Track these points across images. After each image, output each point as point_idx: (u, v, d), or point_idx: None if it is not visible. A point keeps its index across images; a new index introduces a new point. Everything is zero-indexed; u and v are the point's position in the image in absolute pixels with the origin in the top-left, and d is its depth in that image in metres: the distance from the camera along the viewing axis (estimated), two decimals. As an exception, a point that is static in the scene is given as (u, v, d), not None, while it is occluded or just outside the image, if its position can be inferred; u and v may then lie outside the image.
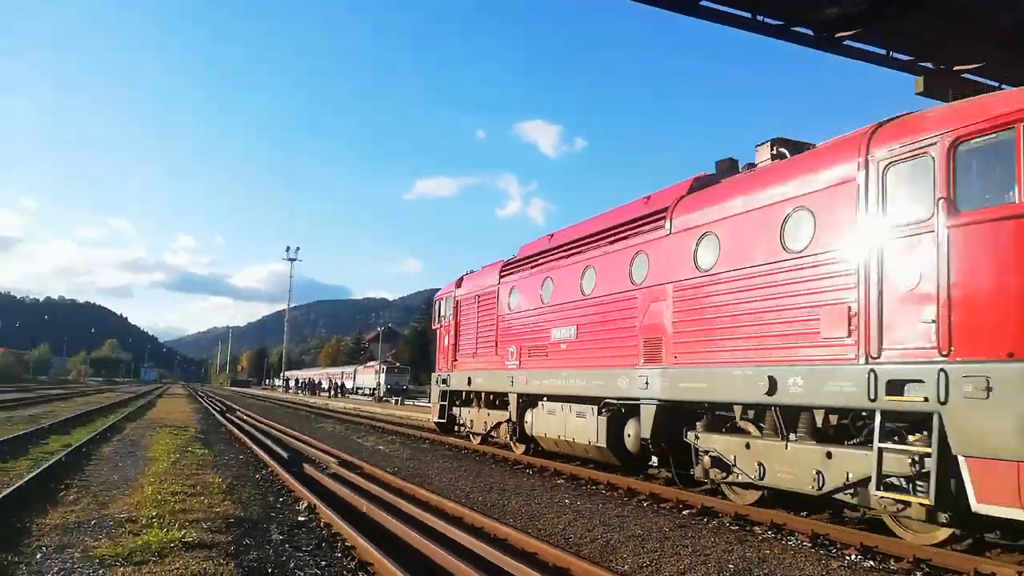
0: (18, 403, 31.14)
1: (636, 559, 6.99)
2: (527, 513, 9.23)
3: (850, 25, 17.77)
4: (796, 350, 8.21)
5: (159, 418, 25.56)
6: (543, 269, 14.52)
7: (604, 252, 12.44)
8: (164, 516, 7.74)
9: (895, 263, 7.16)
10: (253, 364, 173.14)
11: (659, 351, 10.54)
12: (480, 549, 6.81)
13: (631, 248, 11.60)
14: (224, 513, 8.23)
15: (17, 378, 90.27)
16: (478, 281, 17.98)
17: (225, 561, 6.18)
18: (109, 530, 7.21)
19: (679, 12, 17.83)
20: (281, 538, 7.36)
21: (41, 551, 6.41)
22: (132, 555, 6.19)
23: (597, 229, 12.97)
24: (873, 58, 19.40)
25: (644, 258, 11.22)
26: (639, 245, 11.42)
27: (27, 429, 17.24)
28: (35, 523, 7.48)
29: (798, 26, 18.35)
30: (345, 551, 6.92)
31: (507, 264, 16.45)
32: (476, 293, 17.79)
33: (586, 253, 13.02)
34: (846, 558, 7.23)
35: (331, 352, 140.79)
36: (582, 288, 12.88)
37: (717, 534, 8.17)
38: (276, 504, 9.34)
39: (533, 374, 14.32)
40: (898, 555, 7.10)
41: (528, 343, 14.72)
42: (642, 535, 8.00)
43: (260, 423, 24.89)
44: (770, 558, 7.13)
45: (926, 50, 19.04)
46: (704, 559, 7.04)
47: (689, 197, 10.75)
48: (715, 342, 9.49)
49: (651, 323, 10.79)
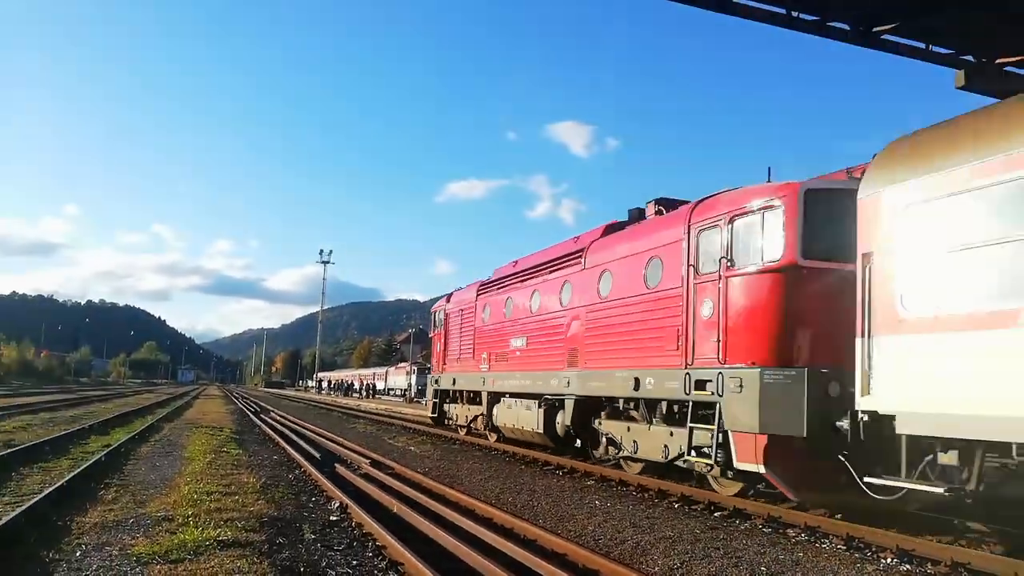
0: (60, 404, 31.91)
1: (666, 561, 6.94)
2: (557, 514, 9.22)
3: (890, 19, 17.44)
4: (650, 359, 11.08)
5: (195, 419, 25.99)
6: (506, 290, 17.69)
7: (544, 279, 15.55)
8: (200, 515, 7.86)
9: (700, 300, 10.07)
10: (287, 365, 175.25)
11: (576, 358, 13.48)
12: (509, 550, 6.82)
13: (562, 277, 14.62)
14: (258, 512, 8.34)
15: (59, 380, 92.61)
16: (462, 296, 21.23)
17: (259, 560, 6.27)
18: (146, 528, 7.35)
19: (713, 10, 17.61)
20: (313, 537, 7.44)
21: (81, 549, 6.55)
22: (168, 553, 6.30)
23: (541, 261, 16.02)
24: (912, 52, 18.97)
25: (569, 286, 14.23)
26: (567, 275, 14.43)
27: (68, 429, 17.68)
28: (75, 521, 7.65)
29: (834, 21, 18.05)
30: (376, 551, 6.97)
31: (483, 284, 19.60)
32: (460, 307, 21.01)
33: (534, 279, 16.14)
34: (882, 561, 7.10)
35: (363, 353, 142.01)
36: (531, 307, 16.01)
37: (749, 536, 8.08)
38: (309, 504, 9.45)
39: (498, 376, 17.44)
40: (936, 558, 6.96)
41: (495, 350, 17.79)
42: (673, 537, 7.94)
43: (293, 424, 25.19)
44: (804, 561, 7.03)
45: (967, 43, 18.60)
46: (736, 561, 6.96)
47: (599, 240, 13.62)
48: (609, 352, 12.41)
49: (572, 336, 13.77)
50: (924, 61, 19.18)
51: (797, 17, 17.72)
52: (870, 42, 18.48)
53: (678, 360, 10.32)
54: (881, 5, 17.16)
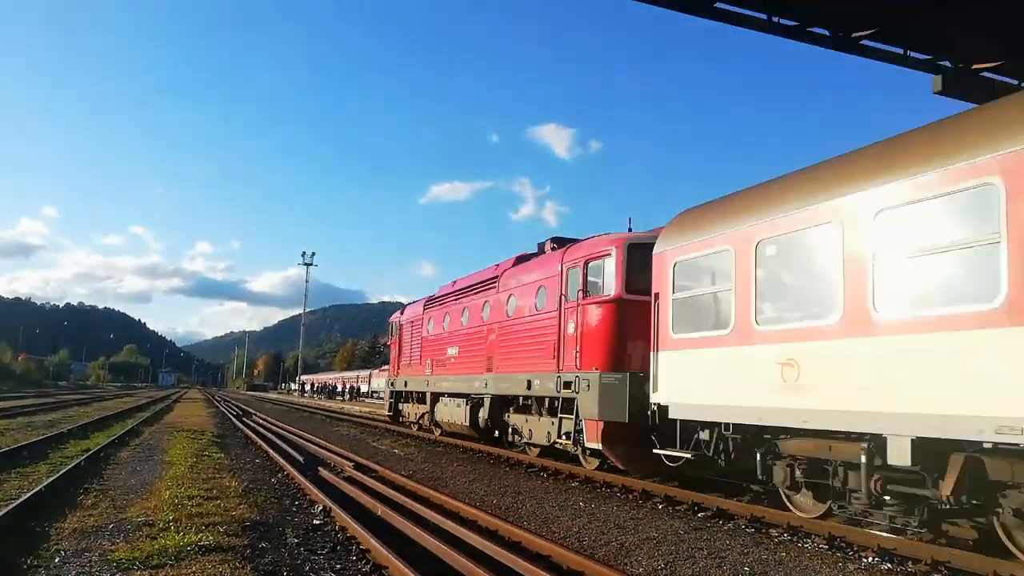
0: (38, 408, 31.50)
1: (651, 562, 6.96)
2: (541, 516, 9.22)
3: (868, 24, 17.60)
4: (537, 365, 14.16)
5: (176, 422, 25.74)
6: (445, 306, 20.74)
7: (472, 299, 18.61)
8: (181, 520, 7.79)
9: (567, 321, 13.15)
10: (269, 368, 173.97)
11: (492, 365, 16.53)
12: (494, 552, 6.81)
13: (483, 298, 17.72)
14: (240, 517, 8.27)
15: (37, 384, 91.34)
16: (413, 310, 24.53)
17: (241, 564, 6.22)
18: (126, 534, 7.27)
19: (693, 14, 17.71)
20: (296, 541, 7.39)
21: (59, 555, 6.47)
22: (149, 559, 6.23)
23: (471, 283, 19.10)
24: (890, 57, 19.16)
25: (488, 305, 17.30)
26: (487, 296, 17.51)
27: (47, 434, 17.46)
28: (53, 527, 7.56)
29: (814, 27, 18.19)
30: (360, 554, 6.93)
31: (429, 299, 22.81)
32: (411, 319, 24.20)
33: (465, 298, 19.16)
34: (863, 560, 7.16)
35: (346, 356, 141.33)
36: (462, 322, 18.98)
37: (732, 536, 8.12)
38: (292, 508, 9.38)
39: (438, 379, 20.46)
40: (916, 557, 7.03)
41: (437, 357, 20.78)
42: (657, 537, 7.97)
43: (276, 427, 25.01)
44: (786, 561, 7.08)
45: (945, 49, 18.82)
46: (719, 562, 7.00)
47: (510, 269, 16.62)
48: (513, 359, 15.49)
49: (489, 346, 16.82)
50: (902, 67, 19.40)
51: (777, 22, 17.85)
52: (849, 47, 18.65)
53: (553, 366, 13.43)
54: (860, 11, 17.33)
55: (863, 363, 7.22)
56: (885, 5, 16.69)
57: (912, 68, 19.45)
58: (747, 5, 17.45)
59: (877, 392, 7.02)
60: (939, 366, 6.49)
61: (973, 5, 16.03)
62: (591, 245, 13.08)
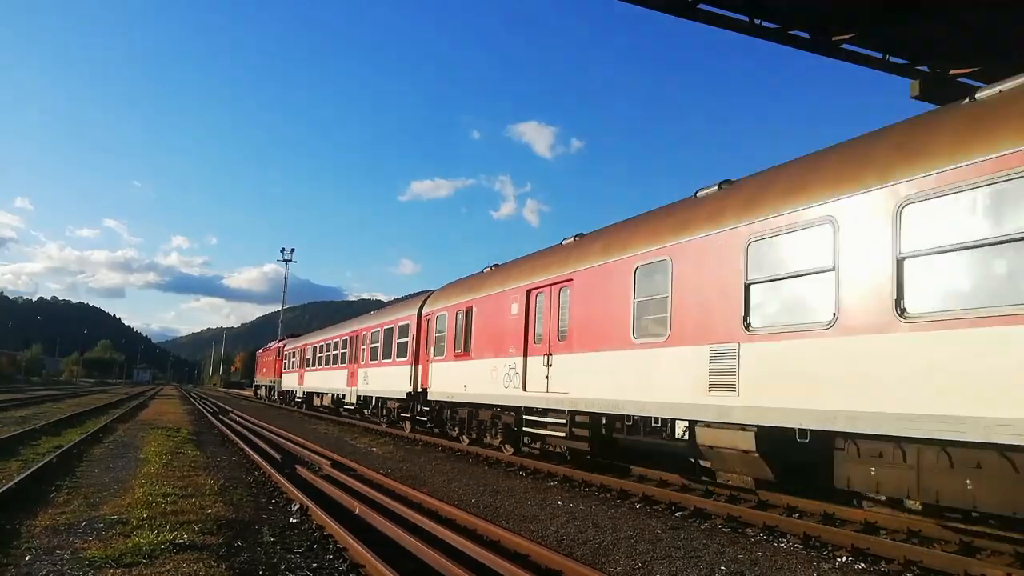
0: (9, 404, 30.96)
1: (628, 561, 6.99)
2: (520, 515, 9.22)
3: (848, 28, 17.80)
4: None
5: (151, 419, 25.45)
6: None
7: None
8: (155, 518, 7.70)
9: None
10: (247, 365, 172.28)
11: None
12: (473, 551, 6.80)
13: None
14: (216, 515, 8.19)
15: (9, 379, 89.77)
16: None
17: (216, 563, 6.15)
18: (99, 532, 7.17)
19: (677, 15, 17.79)
20: (273, 540, 7.33)
21: (30, 553, 6.37)
22: (122, 557, 6.15)
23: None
24: (869, 62, 19.40)
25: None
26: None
27: (18, 430, 17.16)
28: (25, 525, 7.44)
29: (795, 29, 18.36)
30: (337, 553, 6.90)
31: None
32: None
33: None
34: (837, 560, 7.24)
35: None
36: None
37: (709, 536, 8.18)
38: (268, 506, 9.30)
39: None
40: (889, 556, 7.12)
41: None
42: (634, 537, 8.00)
43: (253, 424, 24.82)
44: (762, 560, 7.14)
45: (923, 54, 19.08)
46: (696, 561, 7.04)
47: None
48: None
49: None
50: (881, 71, 19.63)
51: (759, 25, 17.98)
52: (829, 50, 18.84)
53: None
54: (840, 14, 17.50)
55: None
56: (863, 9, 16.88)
57: (890, 72, 19.69)
58: (730, 7, 17.57)
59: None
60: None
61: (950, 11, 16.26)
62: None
